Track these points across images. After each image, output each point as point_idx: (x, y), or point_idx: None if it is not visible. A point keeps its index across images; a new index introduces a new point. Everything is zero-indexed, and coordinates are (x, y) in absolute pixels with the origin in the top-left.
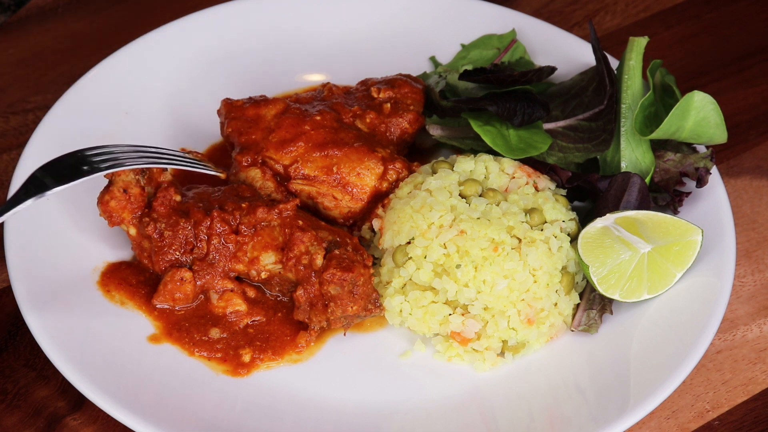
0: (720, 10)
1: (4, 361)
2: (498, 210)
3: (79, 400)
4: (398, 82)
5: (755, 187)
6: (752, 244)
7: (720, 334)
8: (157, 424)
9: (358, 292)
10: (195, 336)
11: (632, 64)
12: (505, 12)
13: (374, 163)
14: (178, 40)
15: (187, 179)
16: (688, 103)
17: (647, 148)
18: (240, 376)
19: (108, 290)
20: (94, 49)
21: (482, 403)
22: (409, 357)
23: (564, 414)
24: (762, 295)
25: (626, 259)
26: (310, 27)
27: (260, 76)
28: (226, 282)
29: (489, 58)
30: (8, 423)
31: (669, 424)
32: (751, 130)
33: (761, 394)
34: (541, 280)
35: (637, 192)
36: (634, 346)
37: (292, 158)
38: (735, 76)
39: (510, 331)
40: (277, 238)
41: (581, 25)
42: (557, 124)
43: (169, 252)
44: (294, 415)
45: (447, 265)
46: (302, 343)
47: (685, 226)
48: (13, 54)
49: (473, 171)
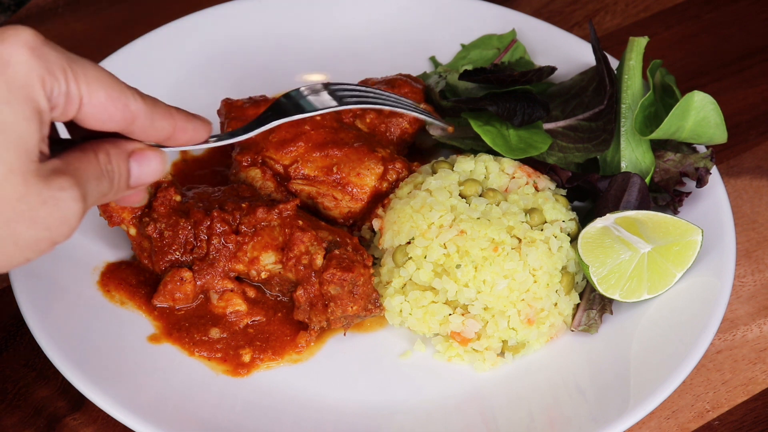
0: (720, 10)
1: (4, 361)
2: (498, 210)
3: (79, 400)
4: (398, 82)
5: (755, 187)
6: (752, 244)
7: (720, 334)
8: (157, 424)
9: (358, 292)
10: (195, 336)
11: (632, 64)
12: (505, 12)
13: (374, 163)
14: (177, 41)
15: (187, 179)
16: (688, 103)
17: (647, 148)
18: (240, 376)
19: (108, 290)
20: (94, 49)
21: (482, 403)
22: (409, 357)
23: (564, 414)
24: (762, 295)
25: (626, 259)
26: (310, 27)
27: (260, 76)
28: (226, 282)
29: (489, 58)
30: (8, 423)
31: (669, 424)
32: (751, 130)
33: (761, 394)
34: (541, 280)
35: (637, 192)
36: (634, 346)
37: (292, 158)
38: (735, 76)
39: (510, 331)
40: (277, 238)
41: (581, 25)
42: (557, 124)
43: (169, 252)
44: (294, 415)
45: (447, 265)
46: (302, 343)
47: (685, 226)
48: None
49: (473, 171)
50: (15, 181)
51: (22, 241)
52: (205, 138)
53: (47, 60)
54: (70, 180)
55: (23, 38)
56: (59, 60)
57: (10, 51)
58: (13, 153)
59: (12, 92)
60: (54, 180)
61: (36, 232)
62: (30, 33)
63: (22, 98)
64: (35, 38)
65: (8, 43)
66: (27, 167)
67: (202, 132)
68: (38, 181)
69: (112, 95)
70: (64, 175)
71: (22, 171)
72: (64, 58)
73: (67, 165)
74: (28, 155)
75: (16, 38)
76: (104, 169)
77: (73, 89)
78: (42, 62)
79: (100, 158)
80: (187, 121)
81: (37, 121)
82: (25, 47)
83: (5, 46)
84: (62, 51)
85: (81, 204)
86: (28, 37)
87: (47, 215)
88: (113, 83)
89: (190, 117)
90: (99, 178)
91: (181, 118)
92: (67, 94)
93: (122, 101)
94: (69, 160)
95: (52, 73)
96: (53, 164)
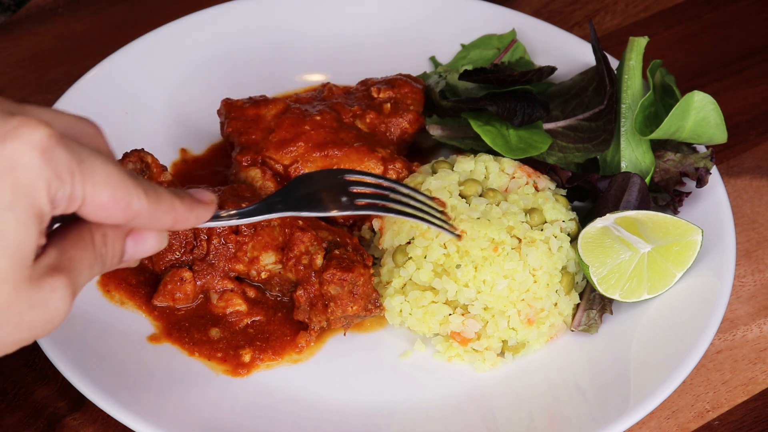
0: (720, 10)
1: (4, 361)
2: (498, 210)
3: (79, 400)
4: (398, 82)
5: (755, 187)
6: (752, 244)
7: (720, 334)
8: (157, 424)
9: (358, 292)
10: (195, 336)
11: (632, 64)
12: (505, 12)
13: (374, 163)
14: (177, 40)
15: (187, 179)
16: (688, 103)
17: (647, 148)
18: (240, 376)
19: (108, 290)
20: (94, 49)
21: (482, 403)
22: (409, 357)
23: (564, 414)
24: (762, 295)
25: (626, 259)
26: (310, 27)
27: (260, 76)
28: (226, 282)
29: (489, 58)
30: (8, 423)
31: (669, 424)
32: (751, 130)
33: (761, 394)
34: (541, 280)
35: (637, 192)
36: (634, 346)
37: (292, 158)
38: (735, 76)
39: (510, 331)
40: (277, 238)
41: (581, 25)
42: (557, 124)
43: (169, 252)
44: (294, 415)
45: (447, 265)
46: (302, 343)
47: (685, 226)
48: (13, 54)
49: (473, 171)
50: (6, 290)
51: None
52: (207, 220)
53: (57, 163)
54: (63, 280)
55: (37, 139)
56: (69, 163)
57: (21, 152)
58: (9, 261)
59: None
60: (46, 282)
61: (19, 334)
62: (44, 133)
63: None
64: (49, 140)
65: (20, 142)
66: (20, 274)
67: (203, 217)
68: (29, 287)
69: (116, 196)
70: (57, 274)
71: (14, 279)
72: (75, 160)
73: (62, 255)
74: (23, 262)
75: (30, 137)
76: (98, 253)
77: (78, 191)
78: (51, 166)
79: (96, 241)
80: (189, 212)
81: (37, 224)
82: (37, 150)
83: (17, 145)
84: (74, 150)
85: (70, 302)
86: (42, 138)
87: (34, 319)
88: (119, 183)
89: (193, 205)
90: (92, 265)
91: (183, 209)
92: (71, 195)
93: (125, 201)
94: (65, 247)
95: (60, 177)
96: (48, 260)
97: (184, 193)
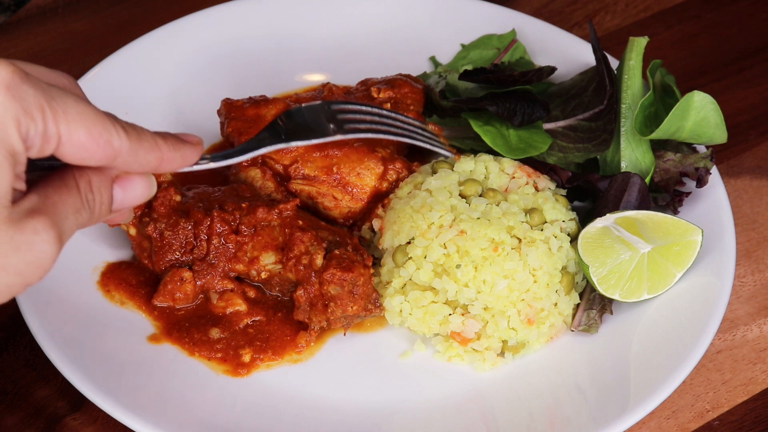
0: (720, 10)
1: (4, 361)
2: (498, 210)
3: (79, 400)
4: (398, 82)
5: (755, 187)
6: (752, 244)
7: (720, 334)
8: (157, 424)
9: (358, 292)
10: (195, 336)
11: (632, 64)
12: (505, 12)
13: (374, 163)
14: (178, 40)
15: (187, 179)
16: (688, 103)
17: (647, 148)
18: (240, 376)
19: (108, 290)
20: (94, 49)
21: (482, 403)
22: (409, 357)
23: (564, 414)
24: (762, 295)
25: (626, 259)
26: (310, 27)
27: (260, 76)
28: (226, 282)
29: (489, 58)
30: (8, 423)
31: (669, 424)
32: (751, 130)
33: (761, 394)
34: (541, 280)
35: (637, 192)
36: (634, 346)
37: (292, 158)
38: (735, 76)
39: (510, 331)
40: (277, 238)
41: (581, 25)
42: (557, 124)
43: (169, 252)
44: (294, 415)
45: (447, 265)
46: (302, 343)
47: (685, 226)
48: (13, 54)
49: (473, 171)
50: None
51: None
52: (195, 161)
53: (24, 99)
54: (46, 221)
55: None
56: (37, 99)
57: None
58: None
59: None
60: (28, 223)
61: (7, 278)
62: (8, 71)
63: None
64: (13, 76)
65: None
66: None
67: (190, 158)
68: (10, 227)
69: (94, 133)
70: (39, 215)
71: None
72: (43, 96)
73: (45, 200)
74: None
75: None
76: (85, 199)
77: (51, 129)
78: (18, 102)
79: (81, 187)
80: (174, 151)
81: (10, 164)
82: (2, 86)
83: None
84: (42, 88)
85: (56, 245)
86: (6, 75)
87: (20, 261)
88: (96, 120)
89: (178, 145)
90: (78, 210)
91: (167, 148)
92: (44, 133)
93: (104, 138)
94: (47, 192)
95: (29, 113)
96: (29, 202)
97: (167, 133)
